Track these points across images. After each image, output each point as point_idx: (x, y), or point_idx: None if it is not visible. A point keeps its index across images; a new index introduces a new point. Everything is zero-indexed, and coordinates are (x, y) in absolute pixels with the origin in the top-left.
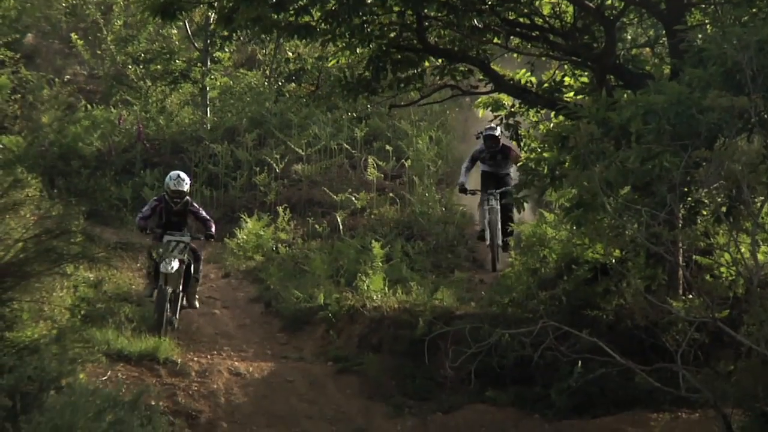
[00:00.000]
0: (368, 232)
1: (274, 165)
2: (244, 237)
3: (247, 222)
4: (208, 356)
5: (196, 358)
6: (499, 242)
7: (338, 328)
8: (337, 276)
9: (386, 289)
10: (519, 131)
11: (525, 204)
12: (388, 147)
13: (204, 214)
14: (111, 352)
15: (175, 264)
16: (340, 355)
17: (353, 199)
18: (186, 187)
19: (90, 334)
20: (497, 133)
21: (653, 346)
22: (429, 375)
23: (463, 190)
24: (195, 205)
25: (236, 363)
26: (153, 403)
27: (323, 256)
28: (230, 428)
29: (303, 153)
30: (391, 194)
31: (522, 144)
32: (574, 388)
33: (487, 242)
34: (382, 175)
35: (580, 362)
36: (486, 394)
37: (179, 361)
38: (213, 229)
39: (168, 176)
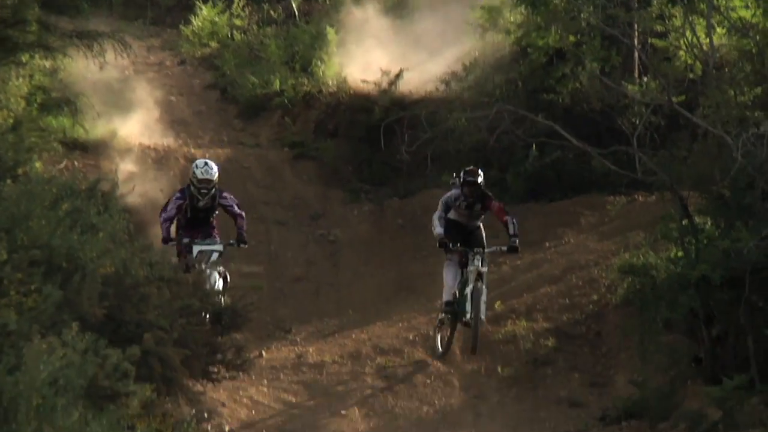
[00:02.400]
0: (323, 18)
1: None
2: (199, 24)
3: (201, 9)
4: (165, 143)
5: (152, 146)
6: (482, 317)
7: (294, 114)
8: (293, 62)
9: (342, 74)
10: None
11: None
12: None
13: (236, 207)
14: (67, 140)
15: (220, 283)
16: (296, 141)
17: None
18: (215, 176)
19: (46, 123)
20: (479, 179)
21: (609, 130)
22: (385, 160)
23: (444, 244)
24: (226, 195)
25: (192, 150)
26: (110, 191)
27: (278, 42)
28: None
29: None
30: None
31: None
32: (531, 172)
33: (465, 318)
34: None
35: (535, 146)
36: (442, 178)
37: (136, 149)
38: (245, 227)
39: (193, 164)
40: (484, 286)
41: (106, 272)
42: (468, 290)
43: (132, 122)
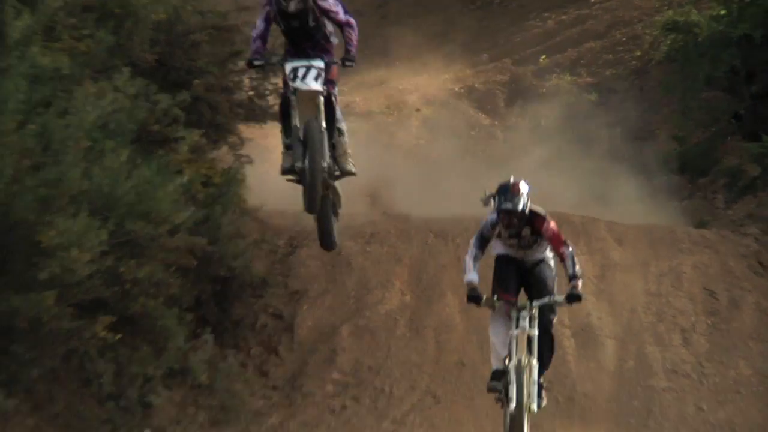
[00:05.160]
0: None
1: None
2: None
3: None
4: None
5: None
6: (534, 407)
7: None
8: None
9: None
10: None
11: None
12: None
13: (341, 13)
14: None
15: (314, 83)
16: None
17: None
18: None
19: None
20: (520, 204)
21: None
22: None
23: (475, 297)
24: (327, 1)
25: None
26: None
27: None
28: None
29: None
30: None
31: None
32: None
33: (503, 397)
34: None
35: None
36: None
37: None
38: (354, 40)
39: None
40: (535, 361)
41: (158, 19)
42: (512, 366)
43: None
